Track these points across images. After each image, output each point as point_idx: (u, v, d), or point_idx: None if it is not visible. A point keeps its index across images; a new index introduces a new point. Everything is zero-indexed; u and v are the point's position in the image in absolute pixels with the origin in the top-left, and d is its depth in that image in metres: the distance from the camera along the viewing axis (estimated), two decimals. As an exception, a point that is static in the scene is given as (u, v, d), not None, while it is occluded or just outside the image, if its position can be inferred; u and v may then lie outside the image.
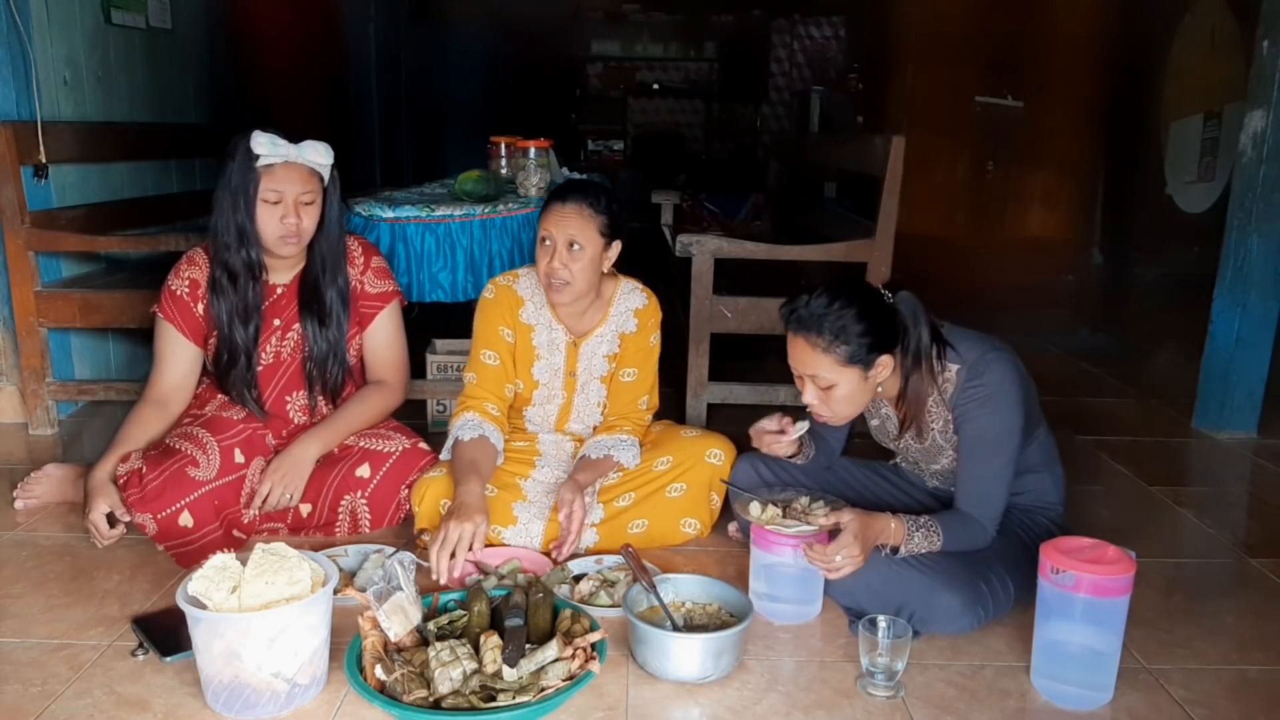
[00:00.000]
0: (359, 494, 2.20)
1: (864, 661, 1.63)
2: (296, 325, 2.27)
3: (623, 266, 2.33)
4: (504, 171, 3.50)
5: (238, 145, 2.11)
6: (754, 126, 9.32)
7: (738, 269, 3.22)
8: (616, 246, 2.22)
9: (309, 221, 2.17)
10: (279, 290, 2.28)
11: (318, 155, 2.16)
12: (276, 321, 2.27)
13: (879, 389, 1.85)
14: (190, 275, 2.24)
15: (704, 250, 2.86)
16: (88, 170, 3.25)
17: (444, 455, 2.22)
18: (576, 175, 4.00)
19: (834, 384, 1.79)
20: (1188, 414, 3.20)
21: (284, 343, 2.28)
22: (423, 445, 2.31)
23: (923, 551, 1.81)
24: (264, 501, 2.14)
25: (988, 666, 1.71)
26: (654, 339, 2.32)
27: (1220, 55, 3.56)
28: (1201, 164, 3.66)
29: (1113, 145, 4.48)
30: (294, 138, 2.14)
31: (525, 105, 8.24)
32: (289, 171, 2.12)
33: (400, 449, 2.26)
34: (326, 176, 2.20)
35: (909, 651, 1.61)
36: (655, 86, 9.42)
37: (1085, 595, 1.54)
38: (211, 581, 1.50)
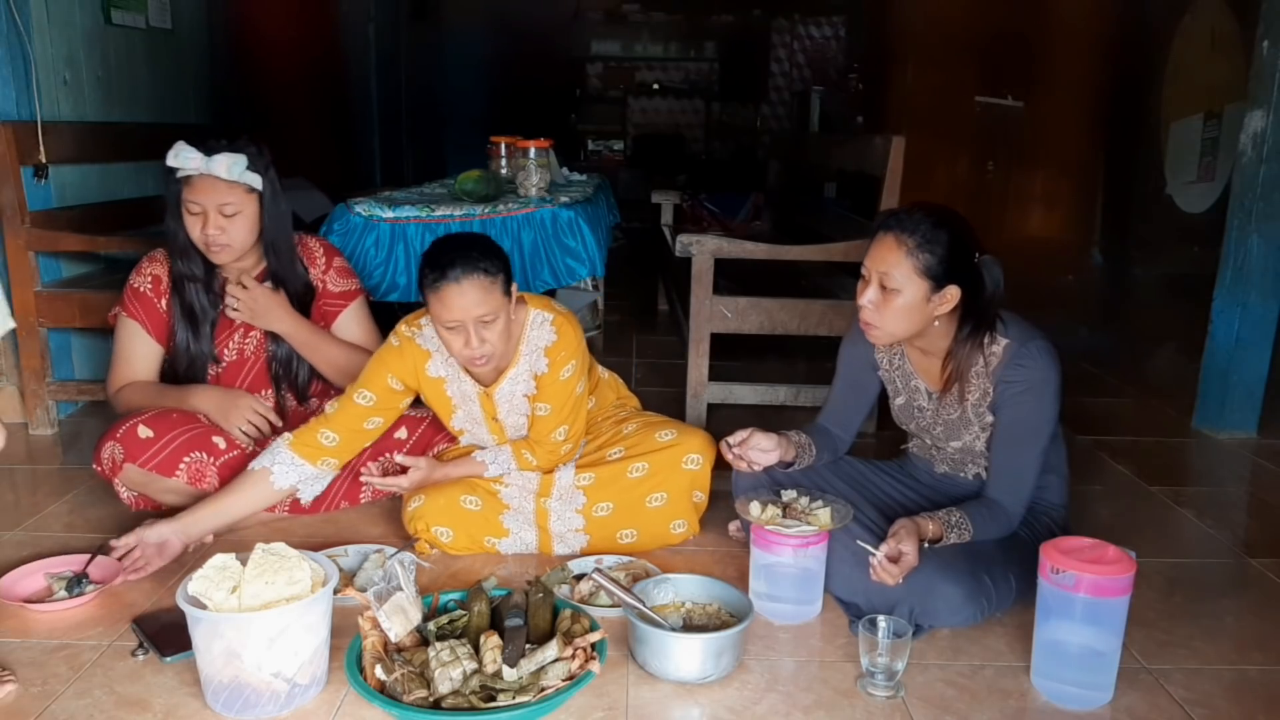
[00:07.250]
0: (394, 455, 2.19)
1: (864, 661, 1.63)
2: None
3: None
4: (504, 171, 3.51)
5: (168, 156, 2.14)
6: (754, 126, 9.33)
7: (738, 269, 3.23)
8: (514, 289, 2.02)
9: (237, 230, 2.15)
10: None
11: (224, 170, 2.10)
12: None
13: (935, 322, 1.85)
14: (152, 272, 2.28)
15: (704, 250, 2.86)
16: (88, 170, 3.25)
17: (255, 465, 2.08)
18: (576, 175, 4.02)
19: (900, 289, 1.80)
20: (1188, 414, 3.20)
21: (247, 341, 2.32)
22: None
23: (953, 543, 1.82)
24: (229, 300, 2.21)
25: (988, 666, 1.71)
26: (566, 371, 2.10)
27: (1220, 55, 3.55)
28: (1201, 164, 3.65)
29: (1113, 145, 4.47)
30: (213, 148, 2.11)
31: (525, 105, 8.25)
32: (204, 183, 2.12)
33: (431, 413, 2.29)
34: (256, 185, 2.15)
35: (909, 651, 1.61)
36: (655, 86, 9.42)
37: (1085, 595, 1.54)
38: (211, 581, 1.51)
